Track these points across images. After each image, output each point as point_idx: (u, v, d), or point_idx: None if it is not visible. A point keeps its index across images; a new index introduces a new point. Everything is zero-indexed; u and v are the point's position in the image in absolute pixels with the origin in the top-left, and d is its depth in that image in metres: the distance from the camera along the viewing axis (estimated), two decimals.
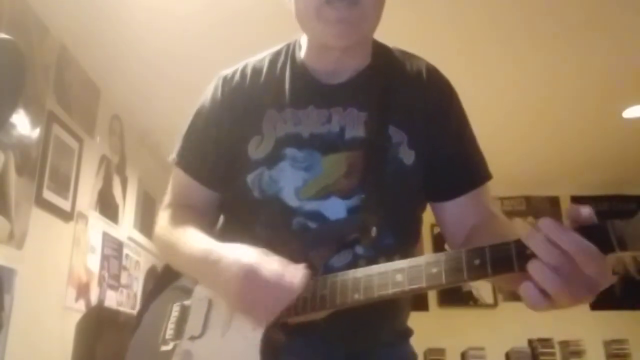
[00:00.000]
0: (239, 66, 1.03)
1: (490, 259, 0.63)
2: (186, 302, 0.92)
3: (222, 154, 0.97)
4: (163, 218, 1.00)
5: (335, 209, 0.87)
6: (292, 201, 0.88)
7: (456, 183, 0.93)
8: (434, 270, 0.68)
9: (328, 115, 0.92)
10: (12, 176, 2.07)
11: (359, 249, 0.86)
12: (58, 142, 2.43)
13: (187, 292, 0.94)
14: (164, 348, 0.90)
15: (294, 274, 0.76)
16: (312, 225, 0.87)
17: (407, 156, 0.91)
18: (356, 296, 0.73)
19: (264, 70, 1.00)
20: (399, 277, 0.70)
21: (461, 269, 0.66)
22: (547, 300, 0.59)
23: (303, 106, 0.94)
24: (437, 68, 1.01)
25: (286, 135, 0.92)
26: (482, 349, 4.05)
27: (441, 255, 0.68)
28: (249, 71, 1.00)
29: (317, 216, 0.87)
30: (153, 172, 3.83)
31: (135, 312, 3.27)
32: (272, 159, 0.91)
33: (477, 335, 4.06)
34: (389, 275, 0.71)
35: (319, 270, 0.80)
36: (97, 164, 2.88)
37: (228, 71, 1.03)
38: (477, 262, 0.64)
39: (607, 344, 4.18)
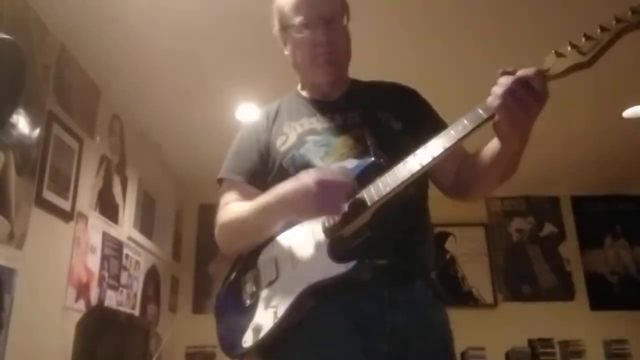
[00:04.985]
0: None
1: (469, 121, 0.98)
2: (254, 270, 1.13)
3: (260, 156, 1.25)
4: (221, 212, 1.23)
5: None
6: (320, 164, 1.14)
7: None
8: (440, 141, 0.99)
9: (331, 117, 1.24)
10: (12, 176, 2.07)
11: None
12: (58, 142, 2.43)
13: (252, 266, 1.14)
14: (249, 302, 1.11)
15: (343, 168, 1.06)
16: None
17: (396, 125, 1.22)
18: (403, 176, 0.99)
19: (277, 103, 1.34)
20: (420, 153, 1.00)
21: (452, 136, 0.98)
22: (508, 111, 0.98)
23: (312, 115, 1.27)
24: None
25: (305, 130, 1.23)
26: (482, 349, 4.04)
27: (441, 134, 1.00)
28: (266, 108, 1.34)
29: None
30: (153, 172, 3.83)
31: (135, 312, 3.28)
32: (299, 144, 1.20)
33: (477, 335, 4.05)
34: (413, 159, 1.00)
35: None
36: (97, 164, 2.88)
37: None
38: (459, 128, 0.99)
39: (607, 344, 4.17)
